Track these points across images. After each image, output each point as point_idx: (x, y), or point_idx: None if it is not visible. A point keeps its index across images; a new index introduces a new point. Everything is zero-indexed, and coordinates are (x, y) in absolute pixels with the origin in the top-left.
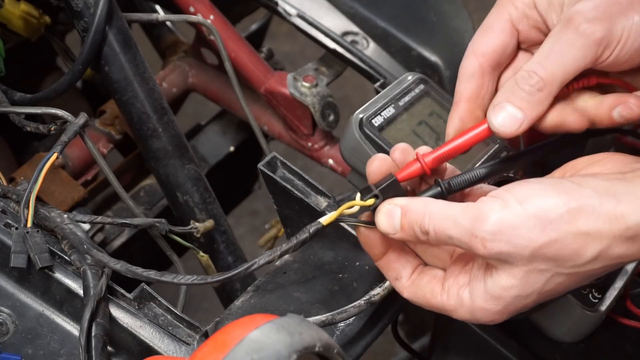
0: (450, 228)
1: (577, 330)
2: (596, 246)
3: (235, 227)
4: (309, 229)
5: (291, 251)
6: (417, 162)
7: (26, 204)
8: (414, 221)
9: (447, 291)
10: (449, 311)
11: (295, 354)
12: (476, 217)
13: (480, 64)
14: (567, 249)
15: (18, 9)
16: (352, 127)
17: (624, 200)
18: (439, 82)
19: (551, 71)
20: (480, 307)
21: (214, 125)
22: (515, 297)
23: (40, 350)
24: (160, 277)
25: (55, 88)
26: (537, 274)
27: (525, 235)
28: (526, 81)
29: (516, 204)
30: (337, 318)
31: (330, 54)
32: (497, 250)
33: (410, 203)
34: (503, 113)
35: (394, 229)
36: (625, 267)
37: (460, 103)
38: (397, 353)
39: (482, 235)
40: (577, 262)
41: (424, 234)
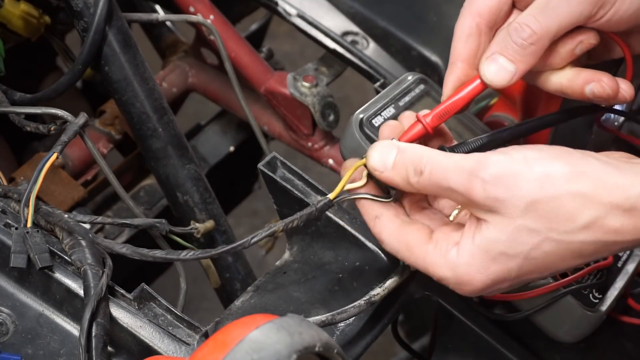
0: (449, 170)
1: (578, 331)
2: (592, 211)
3: (235, 227)
4: (315, 204)
5: (295, 224)
6: (419, 123)
7: (26, 203)
8: (410, 159)
9: (435, 242)
10: (432, 264)
11: (295, 354)
12: (480, 161)
13: (477, 24)
14: (563, 208)
15: (18, 9)
16: (352, 127)
17: (627, 174)
18: (439, 82)
19: (545, 25)
20: (465, 262)
21: (214, 125)
22: (501, 254)
23: (40, 350)
24: (165, 255)
25: (55, 88)
26: (527, 234)
27: (525, 187)
28: (519, 34)
29: (521, 160)
30: (337, 318)
31: (330, 54)
32: (494, 195)
33: (410, 145)
34: (495, 65)
35: (384, 165)
36: (626, 267)
37: (456, 63)
38: (397, 353)
39: (483, 177)
40: (570, 227)
41: (416, 174)
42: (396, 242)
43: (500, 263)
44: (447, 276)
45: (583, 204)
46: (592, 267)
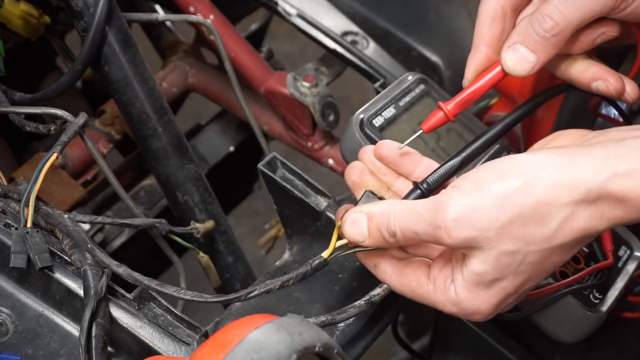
0: (414, 224)
1: (578, 331)
2: (558, 215)
3: (235, 227)
4: (310, 263)
5: (292, 283)
6: (440, 111)
7: (26, 203)
8: (380, 224)
9: (433, 282)
10: (435, 303)
11: (295, 354)
12: (437, 208)
13: (502, 6)
14: (531, 222)
15: (18, 9)
16: (352, 128)
17: (580, 164)
18: (439, 81)
19: (568, 17)
20: (465, 297)
21: (214, 125)
22: (493, 282)
23: (40, 351)
24: (161, 288)
25: (55, 88)
26: (508, 256)
27: (487, 216)
28: (541, 25)
29: (473, 188)
30: (337, 318)
31: (330, 54)
32: (462, 237)
33: (374, 207)
34: (517, 55)
35: (362, 236)
36: (626, 268)
37: (480, 47)
38: (397, 353)
39: (445, 224)
40: (544, 235)
41: (391, 236)
42: (400, 286)
43: (496, 288)
44: (455, 311)
45: (548, 211)
46: (592, 268)
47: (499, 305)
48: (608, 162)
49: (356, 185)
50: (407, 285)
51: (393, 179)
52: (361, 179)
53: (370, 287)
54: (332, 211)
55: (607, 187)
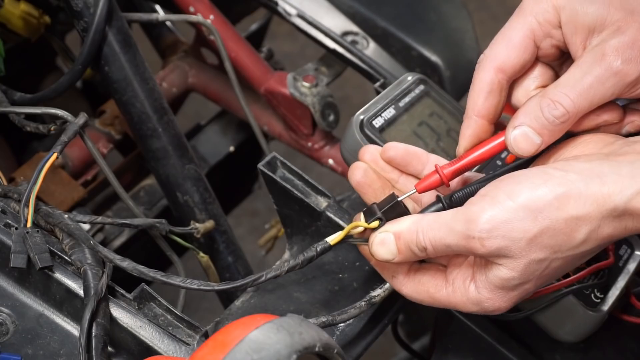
0: (445, 237)
1: (580, 330)
2: (586, 228)
3: (235, 227)
4: (316, 247)
5: (297, 268)
6: (436, 173)
7: (26, 203)
8: (409, 241)
9: (452, 284)
10: (455, 304)
11: (295, 354)
12: (469, 219)
13: (499, 80)
14: (560, 234)
15: (18, 9)
16: (352, 128)
17: (608, 181)
18: (439, 82)
19: (578, 104)
20: (487, 297)
21: (214, 125)
22: (517, 286)
23: (40, 350)
24: (166, 278)
25: (55, 88)
26: (536, 264)
27: (519, 227)
28: (551, 111)
29: (505, 199)
30: (338, 319)
31: (330, 54)
32: (495, 247)
33: (400, 226)
34: (523, 136)
35: (392, 254)
36: (627, 267)
37: (473, 118)
38: (397, 353)
39: (479, 235)
40: (571, 245)
41: (422, 251)
42: (417, 294)
43: (519, 289)
44: (475, 310)
45: (577, 225)
46: (593, 267)
47: (518, 302)
48: (633, 180)
49: (360, 185)
50: (425, 291)
51: (397, 176)
52: (365, 178)
53: (370, 287)
54: (332, 211)
55: (632, 205)
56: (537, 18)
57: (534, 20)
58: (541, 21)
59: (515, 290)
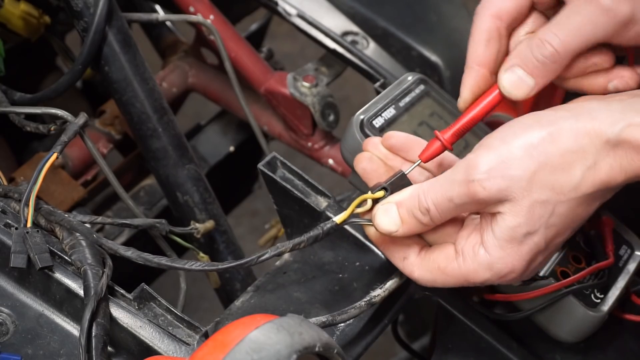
0: (447, 190)
1: (580, 330)
2: (583, 163)
3: (235, 227)
4: (322, 226)
5: (303, 246)
6: (437, 140)
7: (26, 203)
8: (411, 206)
9: (461, 253)
10: (468, 275)
11: (295, 354)
12: (467, 166)
13: (497, 27)
14: (558, 170)
15: (18, 9)
16: (352, 128)
17: (598, 115)
18: (439, 82)
19: (566, 43)
20: (498, 257)
21: (214, 125)
22: (526, 235)
23: (40, 350)
24: (171, 263)
25: (55, 88)
26: (540, 206)
27: (517, 165)
28: (540, 50)
29: (500, 143)
30: (338, 319)
31: (330, 54)
32: (496, 188)
33: (401, 195)
34: (514, 77)
35: (396, 224)
36: (627, 267)
37: (474, 67)
38: (397, 353)
39: (478, 178)
40: (571, 184)
41: (425, 214)
42: (429, 273)
43: (528, 242)
44: (488, 276)
45: (573, 159)
46: (593, 267)
47: (531, 262)
48: (624, 114)
49: (366, 171)
50: (436, 268)
51: (400, 163)
52: (371, 164)
53: (370, 287)
54: (332, 211)
55: (624, 136)
56: None
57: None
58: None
59: (524, 244)
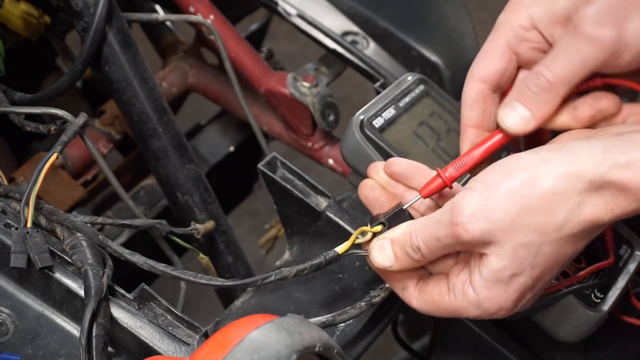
0: (435, 230)
1: (580, 330)
2: (565, 205)
3: (235, 227)
4: (325, 255)
5: (306, 273)
6: (439, 177)
7: (26, 203)
8: (404, 244)
9: (452, 290)
10: (459, 310)
11: (295, 354)
12: (453, 209)
13: (480, 90)
14: (540, 213)
15: (18, 9)
16: (352, 129)
17: (581, 156)
18: (439, 82)
19: (557, 73)
20: (485, 297)
21: (214, 125)
22: (512, 277)
23: (40, 350)
24: (177, 273)
25: (55, 88)
26: (524, 249)
27: (499, 209)
28: (533, 81)
29: (483, 188)
30: (338, 319)
31: (330, 54)
32: (479, 231)
33: (395, 232)
34: (513, 112)
35: (390, 260)
36: (627, 267)
37: (468, 129)
38: (397, 353)
39: (461, 221)
40: (554, 225)
41: (416, 252)
42: (425, 305)
43: (514, 283)
44: (478, 314)
45: (555, 201)
46: (593, 267)
47: (519, 301)
48: (607, 155)
49: (368, 199)
50: (431, 301)
51: (402, 191)
52: (372, 193)
53: (370, 287)
54: (332, 211)
55: (608, 177)
56: (510, 26)
57: (507, 29)
58: (513, 27)
59: (511, 285)
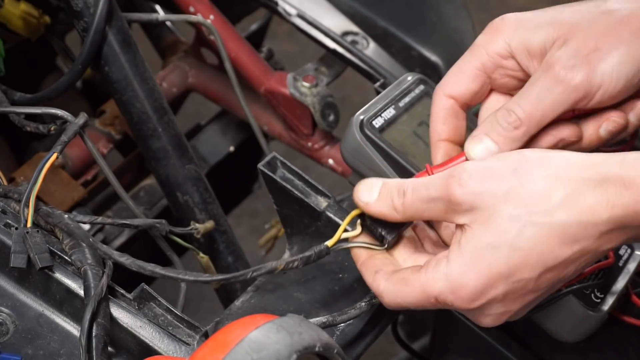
0: (429, 181)
1: (580, 330)
2: (565, 189)
3: (235, 227)
4: (314, 249)
5: (296, 265)
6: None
7: (26, 203)
8: (393, 186)
9: (426, 265)
10: (427, 283)
11: (295, 354)
12: (455, 168)
13: (451, 105)
14: (537, 189)
15: (18, 9)
16: (352, 129)
17: (592, 154)
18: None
19: (528, 112)
20: (456, 269)
21: (214, 125)
22: (487, 247)
23: (40, 350)
24: (164, 272)
25: (55, 88)
26: (508, 221)
27: (500, 175)
28: (505, 118)
29: (493, 158)
30: (338, 320)
31: (330, 54)
32: (472, 189)
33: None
34: (480, 145)
35: (371, 196)
36: (627, 267)
37: (439, 143)
38: (397, 353)
39: (459, 174)
40: (546, 207)
41: (400, 196)
42: (393, 285)
43: (488, 258)
44: (442, 287)
45: (555, 183)
46: (593, 267)
47: (488, 285)
48: (617, 155)
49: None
50: (400, 279)
51: None
52: None
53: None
54: (332, 211)
55: (615, 170)
56: (487, 51)
57: (484, 53)
58: (490, 53)
59: (484, 257)
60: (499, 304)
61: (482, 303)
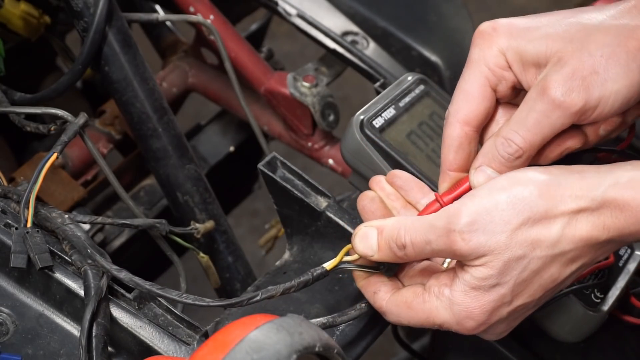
0: (427, 233)
1: (580, 330)
2: (562, 219)
3: (235, 227)
4: (312, 272)
5: (293, 291)
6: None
7: (26, 204)
8: (390, 237)
9: (428, 290)
10: (430, 312)
11: (295, 354)
12: (450, 214)
13: (465, 133)
14: (538, 223)
15: (18, 9)
16: (352, 129)
17: (587, 176)
18: (439, 82)
19: (529, 140)
20: (460, 299)
21: (214, 125)
22: (493, 287)
23: (40, 350)
24: (163, 292)
25: (55, 88)
26: (515, 261)
27: (499, 219)
28: (505, 149)
29: (487, 193)
30: (338, 320)
31: (330, 54)
32: (476, 242)
33: (385, 221)
34: (483, 176)
35: (372, 250)
36: (627, 267)
37: (448, 173)
38: (397, 353)
39: (460, 229)
40: (550, 240)
41: (400, 249)
42: (395, 306)
43: (493, 293)
44: (447, 317)
45: (555, 215)
46: (593, 267)
47: (492, 313)
48: (612, 174)
49: (365, 210)
50: (402, 301)
51: (399, 206)
52: (370, 205)
53: None
54: (332, 211)
55: (609, 194)
56: (488, 65)
57: (485, 68)
58: (491, 67)
59: (489, 293)
60: (502, 324)
61: (486, 328)
